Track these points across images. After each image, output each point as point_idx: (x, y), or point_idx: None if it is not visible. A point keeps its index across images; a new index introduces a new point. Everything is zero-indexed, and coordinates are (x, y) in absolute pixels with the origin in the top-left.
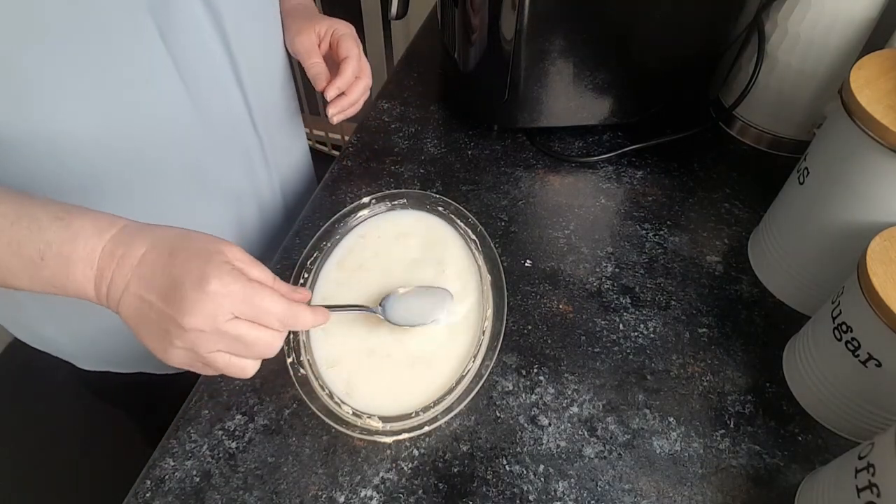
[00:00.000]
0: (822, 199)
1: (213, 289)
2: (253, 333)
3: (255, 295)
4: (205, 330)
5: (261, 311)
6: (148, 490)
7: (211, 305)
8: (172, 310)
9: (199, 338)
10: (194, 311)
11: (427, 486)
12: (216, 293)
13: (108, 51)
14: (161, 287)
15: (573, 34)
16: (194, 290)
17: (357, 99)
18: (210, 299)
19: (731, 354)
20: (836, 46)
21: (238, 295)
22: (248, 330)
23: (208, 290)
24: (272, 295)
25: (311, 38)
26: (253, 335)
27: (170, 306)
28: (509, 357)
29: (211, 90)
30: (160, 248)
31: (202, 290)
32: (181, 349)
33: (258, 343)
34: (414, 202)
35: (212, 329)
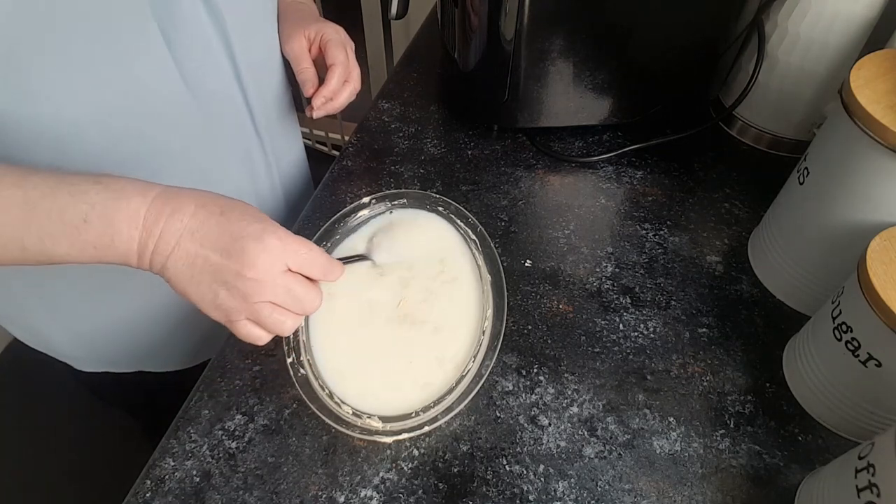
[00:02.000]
0: (822, 199)
1: (272, 242)
2: (301, 287)
3: (304, 247)
4: (263, 280)
5: (311, 263)
6: (148, 490)
7: (270, 257)
8: (234, 261)
9: (255, 286)
10: (256, 262)
11: (427, 486)
12: (275, 246)
13: (113, 52)
14: (219, 241)
15: (573, 34)
16: (256, 242)
17: (343, 104)
18: (269, 251)
19: (731, 354)
20: (836, 46)
21: (292, 247)
22: (299, 283)
23: (268, 243)
24: (316, 249)
25: (300, 43)
26: (301, 288)
27: (231, 258)
28: (509, 357)
29: (213, 90)
30: (210, 207)
31: (263, 243)
32: (232, 300)
33: (305, 297)
34: (414, 202)
35: (270, 279)
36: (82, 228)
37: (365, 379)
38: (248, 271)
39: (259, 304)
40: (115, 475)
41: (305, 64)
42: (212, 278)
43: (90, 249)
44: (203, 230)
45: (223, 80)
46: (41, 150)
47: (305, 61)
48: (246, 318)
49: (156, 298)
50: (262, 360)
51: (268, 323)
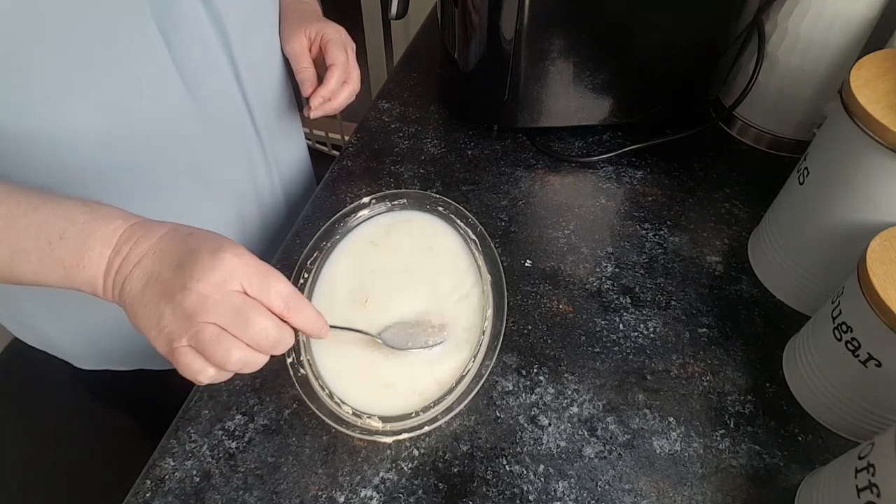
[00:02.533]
0: (822, 199)
1: (228, 257)
2: (255, 312)
3: (267, 271)
4: (209, 295)
5: (269, 288)
6: (148, 490)
7: (223, 272)
8: (183, 273)
9: (199, 302)
10: (205, 274)
11: (427, 486)
12: (230, 261)
13: (113, 52)
14: (175, 256)
15: (573, 34)
16: (210, 254)
17: (341, 104)
18: (223, 265)
19: (731, 354)
20: (836, 46)
21: (251, 267)
22: (252, 307)
23: (223, 258)
24: (284, 279)
25: (301, 43)
26: (255, 313)
27: (181, 270)
28: (509, 357)
29: (213, 91)
30: (179, 231)
31: (217, 257)
32: (174, 319)
33: (257, 325)
34: (414, 202)
35: (218, 294)
36: (56, 245)
37: (365, 379)
38: (194, 284)
39: (202, 325)
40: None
41: (305, 63)
42: (160, 296)
43: (58, 269)
44: (166, 249)
45: (223, 80)
46: (39, 152)
47: (305, 61)
48: (188, 345)
49: None
50: None
51: (210, 349)
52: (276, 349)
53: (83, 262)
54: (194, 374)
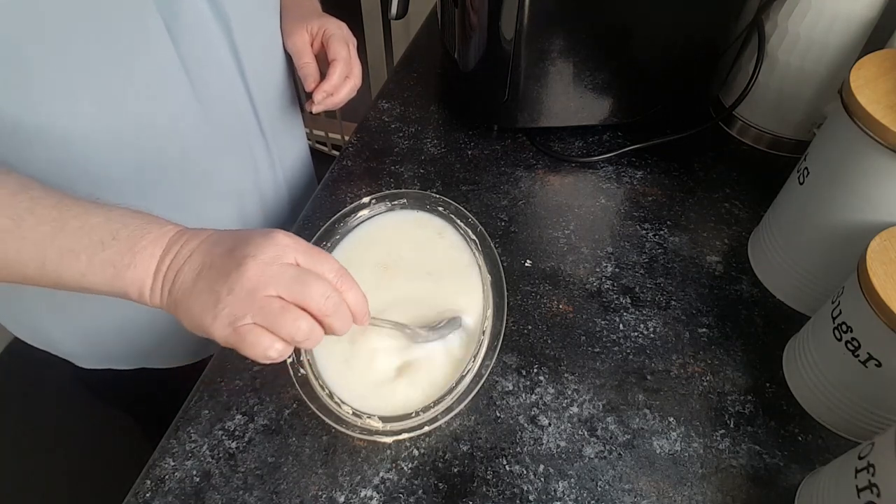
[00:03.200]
0: (822, 199)
1: (279, 235)
2: (313, 277)
3: (318, 249)
4: (267, 269)
5: (322, 261)
6: (148, 490)
7: (277, 247)
8: (236, 255)
9: (260, 277)
10: (259, 250)
11: (427, 486)
12: (282, 239)
13: (118, 48)
14: (226, 246)
15: (573, 34)
16: (262, 236)
17: (344, 99)
18: (276, 241)
19: (731, 354)
20: (836, 46)
21: (303, 244)
22: (309, 273)
23: (275, 235)
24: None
25: (303, 38)
26: (313, 278)
27: (234, 253)
28: (509, 357)
29: (216, 88)
30: (226, 230)
31: (269, 235)
32: (235, 298)
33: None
34: (414, 202)
35: (275, 267)
36: (108, 244)
37: (365, 379)
38: (251, 260)
39: (266, 299)
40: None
41: (307, 59)
42: (214, 279)
43: (108, 269)
44: (216, 241)
45: (227, 76)
46: (44, 150)
47: (307, 56)
48: (252, 322)
49: None
50: None
51: (279, 321)
52: (337, 318)
53: (135, 262)
54: (264, 350)
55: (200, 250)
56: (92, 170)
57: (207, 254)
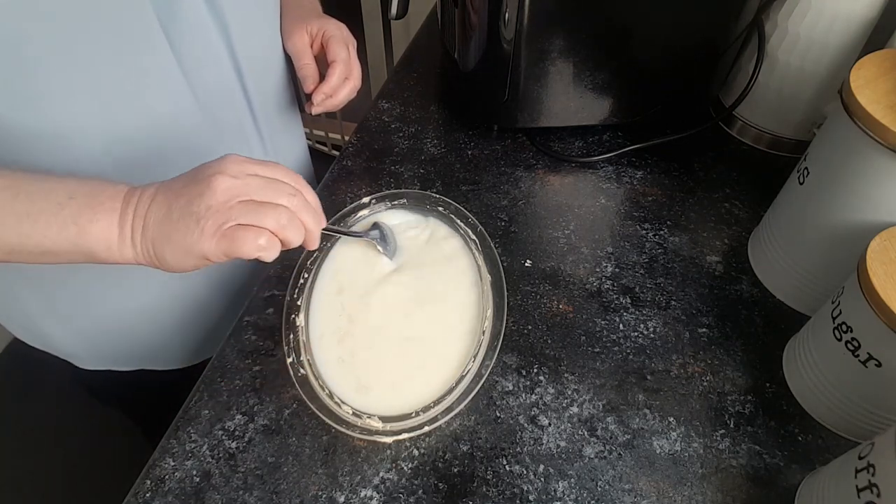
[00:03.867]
0: (822, 199)
1: (234, 156)
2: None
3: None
4: (233, 181)
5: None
6: (148, 490)
7: (236, 165)
8: (200, 179)
9: (229, 188)
10: (221, 168)
11: (427, 486)
12: (237, 158)
13: (116, 51)
14: (186, 179)
15: (573, 34)
16: (217, 160)
17: (343, 101)
18: (234, 160)
19: (731, 354)
20: (836, 46)
21: (255, 160)
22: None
23: (230, 156)
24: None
25: (302, 39)
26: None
27: (197, 179)
28: (509, 357)
29: (214, 87)
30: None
31: (225, 157)
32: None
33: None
34: (414, 202)
35: (240, 179)
36: (65, 204)
37: (365, 379)
38: (216, 177)
39: (243, 203)
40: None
41: (306, 60)
42: (187, 204)
43: (69, 227)
44: (174, 180)
45: (224, 76)
46: (43, 148)
47: (307, 57)
48: (237, 223)
49: (157, 295)
50: (262, 360)
51: (261, 214)
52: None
53: (96, 216)
54: (254, 241)
55: (161, 191)
56: (88, 168)
57: (169, 191)
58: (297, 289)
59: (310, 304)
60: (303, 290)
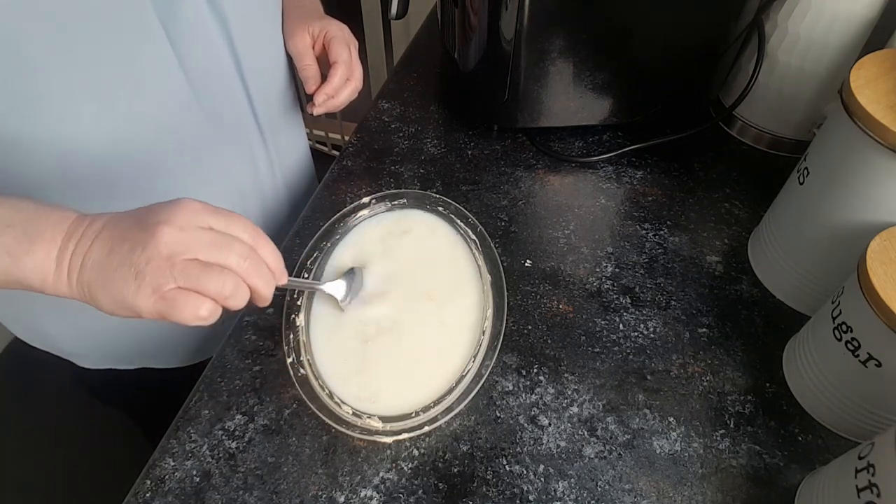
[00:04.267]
0: (822, 199)
1: (188, 201)
2: (230, 239)
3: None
4: (181, 232)
5: (234, 222)
6: (148, 490)
7: (187, 212)
8: (148, 223)
9: (176, 241)
10: (171, 216)
11: (427, 486)
12: (192, 204)
13: (116, 50)
14: (134, 218)
15: (573, 34)
16: (170, 203)
17: (344, 102)
18: (186, 207)
19: (731, 354)
20: (836, 46)
21: (212, 207)
22: (225, 236)
23: (184, 201)
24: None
25: (304, 40)
26: (230, 240)
27: (144, 222)
28: (509, 357)
29: (216, 87)
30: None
31: (178, 202)
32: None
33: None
34: (414, 202)
35: (189, 231)
36: (2, 231)
37: (365, 379)
38: (163, 226)
39: (186, 262)
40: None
41: (308, 61)
42: (129, 251)
43: (3, 257)
44: (123, 218)
45: (226, 76)
46: (45, 150)
47: (308, 58)
48: (177, 286)
49: None
50: (262, 360)
51: (203, 280)
52: (258, 277)
53: (32, 248)
54: (195, 310)
55: (107, 228)
56: (90, 169)
57: (115, 229)
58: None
59: (310, 304)
60: (303, 290)
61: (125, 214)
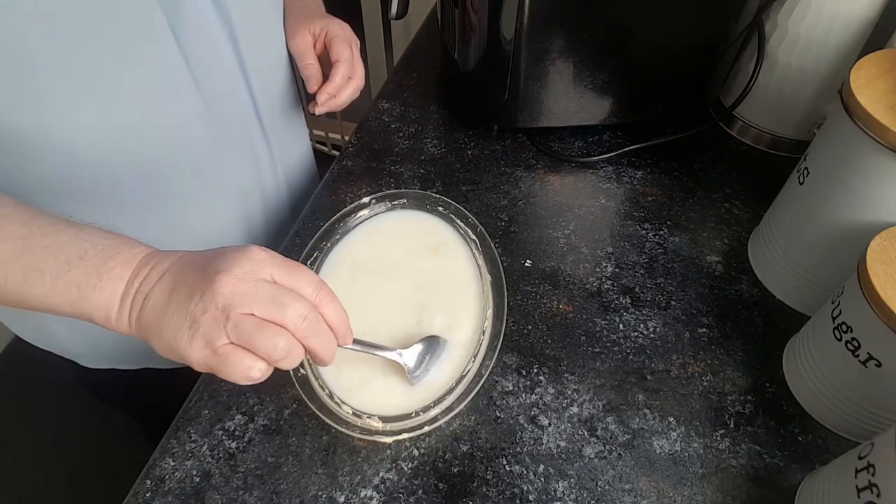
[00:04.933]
0: (822, 199)
1: (254, 250)
2: (290, 296)
3: (295, 263)
4: (241, 284)
5: (300, 276)
6: (148, 490)
7: (251, 262)
8: (209, 271)
9: (233, 294)
10: (232, 265)
11: (427, 486)
12: (257, 253)
13: (123, 50)
14: (199, 264)
15: (573, 34)
16: (235, 250)
17: (346, 101)
18: (250, 256)
19: (731, 354)
20: (836, 46)
21: (279, 258)
22: (286, 292)
23: (250, 249)
24: (311, 271)
25: (305, 39)
26: (290, 297)
27: (206, 269)
28: (509, 357)
29: (220, 87)
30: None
31: (243, 250)
32: (208, 316)
33: (294, 307)
34: (414, 202)
35: (249, 283)
36: (74, 265)
37: (365, 379)
38: (223, 276)
39: (240, 317)
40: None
41: (310, 60)
42: (187, 298)
43: (72, 290)
44: (188, 261)
45: (230, 77)
46: (51, 153)
47: (310, 57)
48: (229, 342)
49: None
50: None
51: (255, 339)
52: (316, 338)
53: (101, 283)
54: (246, 370)
55: (172, 271)
56: (96, 170)
57: (179, 273)
58: None
59: None
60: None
61: (192, 256)
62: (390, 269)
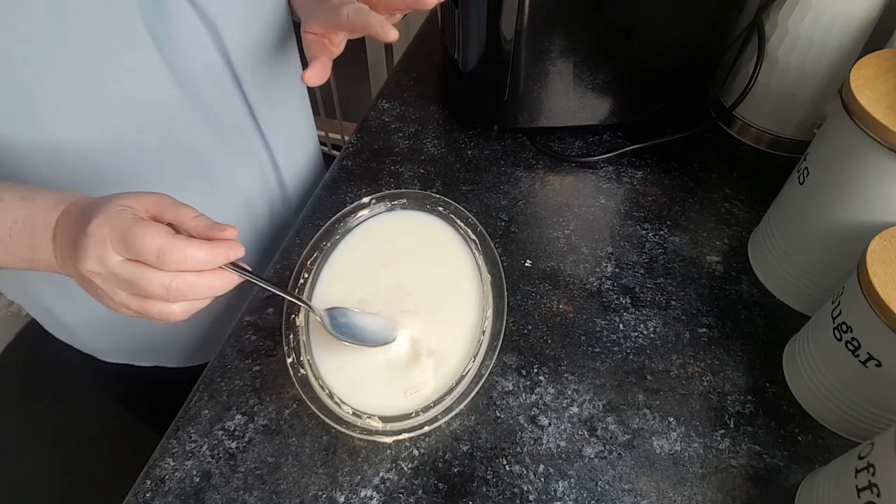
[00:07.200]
0: (822, 199)
1: (94, 237)
2: (144, 275)
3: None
4: (100, 272)
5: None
6: (148, 490)
7: (95, 254)
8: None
9: (102, 282)
10: (85, 258)
11: (427, 486)
12: (94, 236)
13: (104, 59)
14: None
15: (573, 34)
16: (80, 234)
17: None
18: (92, 240)
19: (731, 354)
20: (836, 46)
21: (114, 232)
22: (138, 272)
23: (88, 232)
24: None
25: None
26: (144, 276)
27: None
28: (509, 357)
29: (210, 94)
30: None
31: (84, 233)
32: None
33: (151, 284)
34: (414, 202)
35: (106, 271)
36: (9, 242)
37: (365, 379)
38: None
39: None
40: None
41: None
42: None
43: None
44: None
45: (220, 81)
46: (42, 161)
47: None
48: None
49: None
50: (262, 360)
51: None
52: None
53: (35, 256)
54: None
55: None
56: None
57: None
58: (297, 289)
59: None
60: (303, 291)
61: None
62: (390, 269)
